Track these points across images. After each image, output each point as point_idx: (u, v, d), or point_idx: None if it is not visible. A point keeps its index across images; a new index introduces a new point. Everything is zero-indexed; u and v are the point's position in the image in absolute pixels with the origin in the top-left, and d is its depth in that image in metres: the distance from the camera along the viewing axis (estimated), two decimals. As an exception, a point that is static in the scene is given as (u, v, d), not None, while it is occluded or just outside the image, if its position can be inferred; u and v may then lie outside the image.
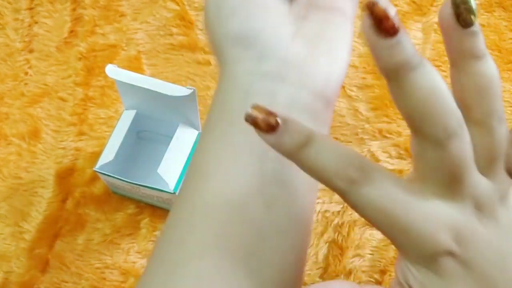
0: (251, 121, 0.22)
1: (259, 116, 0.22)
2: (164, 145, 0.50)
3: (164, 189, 0.48)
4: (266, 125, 0.22)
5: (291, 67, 0.28)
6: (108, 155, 0.49)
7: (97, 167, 0.48)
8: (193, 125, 0.51)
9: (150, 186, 0.48)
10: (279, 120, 0.22)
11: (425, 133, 0.22)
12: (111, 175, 0.48)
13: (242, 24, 0.28)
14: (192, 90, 0.45)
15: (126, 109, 0.51)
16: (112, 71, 0.46)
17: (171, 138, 0.50)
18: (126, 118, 0.51)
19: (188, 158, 0.49)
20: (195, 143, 0.50)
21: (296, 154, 0.22)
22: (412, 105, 0.21)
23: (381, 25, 0.20)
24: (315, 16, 0.29)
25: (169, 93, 0.45)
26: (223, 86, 0.29)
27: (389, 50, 0.20)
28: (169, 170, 0.48)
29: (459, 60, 0.22)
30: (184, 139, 0.50)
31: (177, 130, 0.50)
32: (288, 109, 0.27)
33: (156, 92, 0.46)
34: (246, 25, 0.28)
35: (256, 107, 0.23)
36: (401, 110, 0.22)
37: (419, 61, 0.21)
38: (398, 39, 0.20)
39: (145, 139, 0.55)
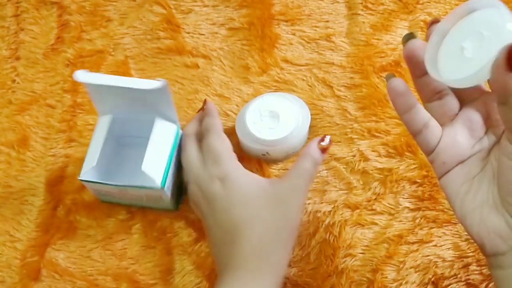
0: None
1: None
2: (144, 147, 0.50)
3: (151, 186, 0.48)
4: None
5: None
6: (90, 163, 0.48)
7: (81, 176, 0.48)
8: (169, 119, 0.50)
9: (137, 185, 0.48)
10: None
11: None
12: (97, 181, 0.48)
13: None
14: (164, 81, 0.45)
15: (101, 115, 0.51)
16: (82, 75, 0.46)
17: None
18: (103, 124, 0.50)
19: (171, 152, 0.50)
20: (176, 137, 0.51)
21: None
22: None
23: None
24: None
25: (141, 87, 0.45)
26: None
27: None
28: (153, 166, 0.48)
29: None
30: (163, 134, 0.50)
31: (155, 126, 0.50)
32: None
33: (128, 88, 0.45)
34: None
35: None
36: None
37: None
38: None
39: (125, 145, 0.54)
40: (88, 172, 0.48)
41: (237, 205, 0.46)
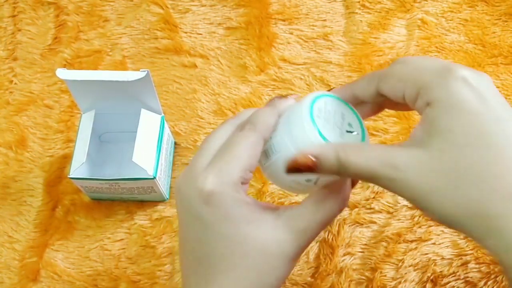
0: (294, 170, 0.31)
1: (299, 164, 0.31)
2: (129, 141, 0.49)
3: (144, 177, 0.48)
4: (306, 168, 0.31)
5: None
6: (79, 160, 0.48)
7: (71, 174, 0.48)
8: (153, 110, 0.50)
9: (130, 177, 0.48)
10: (313, 159, 0.31)
11: None
12: (89, 177, 0.48)
13: None
14: (146, 71, 0.45)
15: (84, 112, 0.51)
16: (63, 73, 0.46)
17: (134, 132, 0.49)
18: (87, 121, 0.50)
19: (159, 142, 0.50)
20: (162, 127, 0.51)
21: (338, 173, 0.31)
22: None
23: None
24: None
25: (124, 79, 0.45)
26: None
27: None
28: (144, 156, 0.48)
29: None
30: (150, 125, 0.50)
31: (141, 117, 0.50)
32: None
33: (111, 81, 0.45)
34: None
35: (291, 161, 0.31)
36: None
37: None
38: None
39: (109, 140, 0.54)
40: (78, 170, 0.48)
41: (218, 241, 0.36)
